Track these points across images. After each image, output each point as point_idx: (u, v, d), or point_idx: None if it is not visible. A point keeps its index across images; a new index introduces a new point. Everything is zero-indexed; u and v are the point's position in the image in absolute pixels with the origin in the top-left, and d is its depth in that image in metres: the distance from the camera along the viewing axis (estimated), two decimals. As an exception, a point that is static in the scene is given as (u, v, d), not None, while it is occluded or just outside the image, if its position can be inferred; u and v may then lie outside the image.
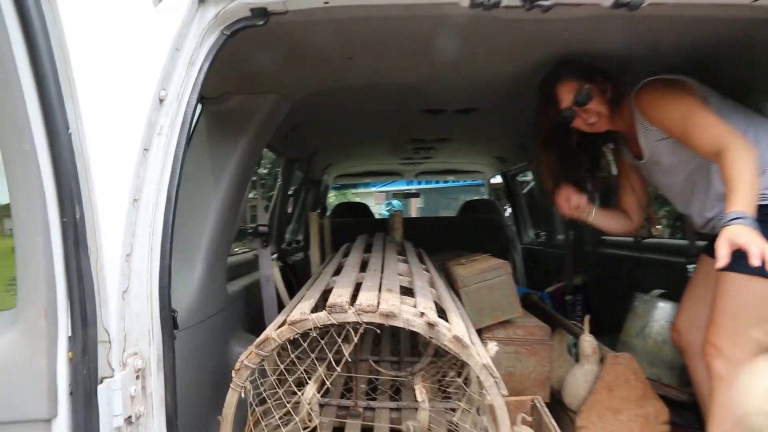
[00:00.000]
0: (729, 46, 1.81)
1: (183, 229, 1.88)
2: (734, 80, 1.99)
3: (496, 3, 1.32)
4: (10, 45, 0.80)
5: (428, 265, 2.28)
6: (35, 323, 0.86)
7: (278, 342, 1.28)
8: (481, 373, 1.28)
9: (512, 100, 2.60)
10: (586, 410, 2.01)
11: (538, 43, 1.83)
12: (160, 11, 1.24)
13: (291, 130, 3.03)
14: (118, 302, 1.05)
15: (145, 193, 1.14)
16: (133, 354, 1.10)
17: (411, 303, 1.42)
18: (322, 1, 1.31)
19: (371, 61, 2.01)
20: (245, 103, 1.95)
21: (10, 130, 0.83)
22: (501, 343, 2.03)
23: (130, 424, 1.08)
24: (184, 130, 1.23)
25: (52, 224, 0.86)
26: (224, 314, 2.01)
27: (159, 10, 1.24)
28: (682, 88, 1.74)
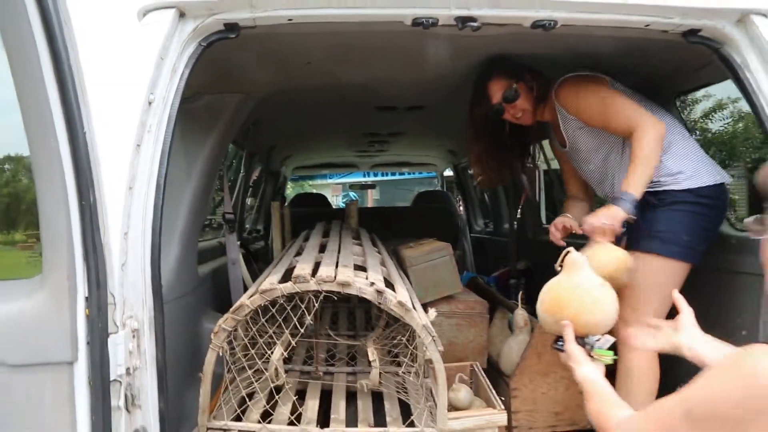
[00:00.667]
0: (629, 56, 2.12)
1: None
2: (635, 82, 2.32)
3: (434, 23, 1.59)
4: (40, 64, 1.00)
5: (380, 248, 2.54)
6: (60, 285, 1.06)
7: (251, 308, 1.52)
8: (421, 332, 1.55)
9: (459, 97, 2.89)
10: (519, 374, 2.32)
11: (474, 50, 2.10)
12: (145, 25, 1.45)
13: (252, 125, 3.22)
14: (119, 273, 1.26)
15: (138, 182, 1.35)
16: (129, 317, 1.31)
17: (363, 276, 1.67)
18: (286, 18, 1.55)
19: (327, 65, 2.25)
20: (214, 102, 2.15)
21: (39, 131, 1.03)
22: (444, 316, 2.34)
23: (129, 375, 1.29)
24: (169, 128, 1.44)
25: (72, 206, 1.07)
26: (196, 293, 2.21)
27: (144, 24, 1.45)
28: (598, 82, 2.02)
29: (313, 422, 1.64)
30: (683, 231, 1.85)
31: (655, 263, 1.88)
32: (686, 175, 1.91)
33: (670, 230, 1.86)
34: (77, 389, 1.08)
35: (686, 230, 1.85)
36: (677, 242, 1.85)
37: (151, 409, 1.36)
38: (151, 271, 1.37)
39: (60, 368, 1.07)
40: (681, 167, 1.92)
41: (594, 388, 1.19)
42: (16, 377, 1.06)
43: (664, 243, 1.85)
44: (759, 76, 1.65)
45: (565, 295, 1.44)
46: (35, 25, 1.02)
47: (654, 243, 1.87)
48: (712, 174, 1.94)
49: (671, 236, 1.85)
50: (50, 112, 1.03)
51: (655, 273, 1.88)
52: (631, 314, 1.92)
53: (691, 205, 1.88)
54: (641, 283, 1.90)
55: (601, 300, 1.43)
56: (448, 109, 3.40)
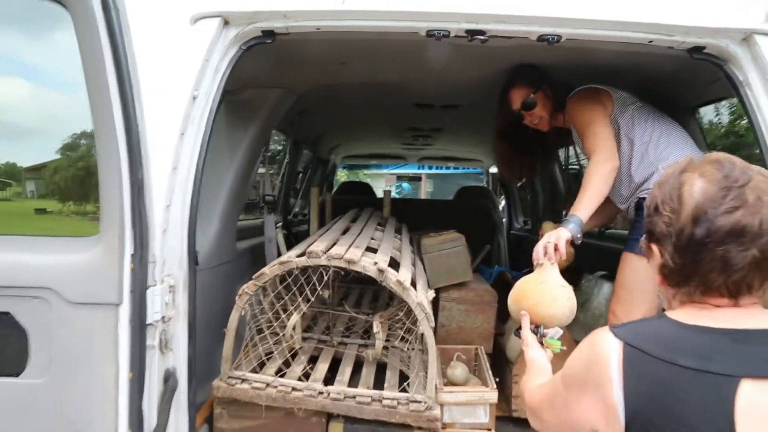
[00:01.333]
0: (645, 68, 2.22)
1: (204, 194, 2.37)
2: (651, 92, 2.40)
3: (446, 35, 1.77)
4: (105, 70, 1.27)
5: (403, 235, 2.75)
6: (112, 244, 1.34)
7: (269, 276, 1.77)
8: (416, 309, 1.75)
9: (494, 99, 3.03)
10: (521, 361, 2.47)
11: (503, 56, 2.24)
12: (195, 31, 1.71)
13: (298, 115, 3.49)
14: (160, 238, 1.54)
15: (180, 164, 1.62)
16: (167, 275, 1.58)
17: (371, 257, 1.89)
18: (315, 27, 1.77)
19: (361, 66, 2.46)
20: (256, 95, 2.41)
21: (102, 120, 1.30)
22: (455, 302, 2.52)
23: (164, 322, 1.57)
24: (210, 120, 1.70)
25: (124, 182, 1.34)
26: (233, 264, 2.51)
27: (194, 30, 1.71)
28: (597, 100, 2.15)
29: (320, 381, 1.88)
30: None
31: (643, 264, 1.99)
32: None
33: None
34: (120, 327, 1.36)
35: None
36: None
37: (181, 353, 1.64)
38: (187, 238, 1.64)
39: (108, 308, 1.35)
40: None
41: (532, 366, 1.38)
42: (75, 312, 1.34)
43: None
44: (759, 95, 1.73)
45: (530, 289, 1.68)
46: (103, 37, 1.28)
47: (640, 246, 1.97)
48: None
49: None
50: (111, 107, 1.30)
51: (645, 273, 2.00)
52: (623, 312, 2.06)
53: None
54: (633, 282, 2.02)
55: (559, 298, 1.64)
56: (483, 109, 3.54)
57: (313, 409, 1.80)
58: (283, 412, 1.85)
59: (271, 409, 1.84)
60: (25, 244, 1.42)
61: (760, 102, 1.73)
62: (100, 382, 1.36)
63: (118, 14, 1.28)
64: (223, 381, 1.84)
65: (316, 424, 1.84)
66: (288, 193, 4.46)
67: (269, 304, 1.94)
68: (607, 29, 1.74)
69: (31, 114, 2.52)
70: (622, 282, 2.11)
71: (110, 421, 1.36)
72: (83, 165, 2.77)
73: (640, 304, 2.04)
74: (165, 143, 1.57)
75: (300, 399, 1.79)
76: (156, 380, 1.52)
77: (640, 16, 1.71)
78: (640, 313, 2.04)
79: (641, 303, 2.04)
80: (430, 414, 1.76)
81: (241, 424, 1.88)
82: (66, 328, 1.35)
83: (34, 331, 1.35)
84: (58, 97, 2.45)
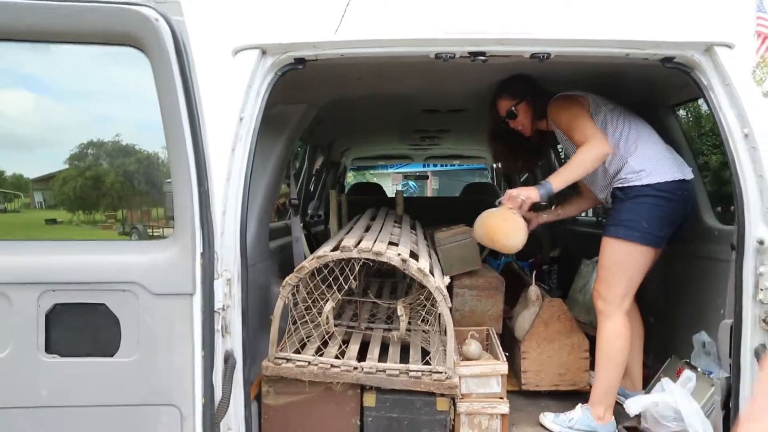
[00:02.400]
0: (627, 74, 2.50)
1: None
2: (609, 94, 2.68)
3: (452, 57, 2.05)
4: (177, 102, 1.56)
5: (418, 231, 3.04)
6: (185, 244, 1.63)
7: (309, 269, 2.06)
8: (435, 292, 2.04)
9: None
10: (528, 339, 2.76)
11: (495, 70, 2.53)
12: (237, 62, 2.00)
13: (316, 124, 3.78)
14: (219, 239, 1.83)
15: (233, 175, 1.92)
16: (225, 270, 1.88)
17: (394, 249, 2.18)
18: (339, 54, 2.06)
19: (376, 80, 2.75)
20: (284, 110, 2.71)
21: (175, 143, 1.60)
22: (467, 288, 2.81)
23: (224, 310, 1.86)
24: (254, 137, 1.99)
25: (194, 192, 1.63)
26: (267, 262, 2.80)
27: (236, 61, 2.00)
28: (575, 101, 2.45)
29: (353, 359, 2.17)
30: (643, 219, 2.25)
31: (620, 246, 2.29)
32: (647, 172, 2.31)
33: (632, 219, 2.27)
34: (194, 313, 1.65)
35: (646, 219, 2.25)
36: (638, 228, 2.25)
37: (237, 337, 1.93)
38: (240, 238, 1.93)
39: (185, 298, 1.64)
40: (643, 166, 2.32)
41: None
42: (157, 302, 1.64)
43: (627, 229, 2.26)
44: (720, 97, 2.01)
45: (493, 220, 2.39)
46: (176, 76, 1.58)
47: (619, 229, 2.29)
48: (671, 172, 2.32)
49: (633, 224, 2.26)
50: (183, 133, 1.59)
51: (620, 254, 2.30)
52: (605, 290, 2.34)
53: (650, 198, 2.29)
54: (611, 263, 2.32)
55: (518, 233, 2.36)
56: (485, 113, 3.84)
57: (350, 382, 2.09)
58: (322, 387, 2.14)
59: (312, 385, 2.13)
60: (113, 247, 1.71)
61: (721, 103, 2.00)
62: (179, 359, 1.65)
63: (188, 57, 1.58)
64: (270, 361, 2.13)
65: (352, 396, 2.13)
66: (306, 196, 4.76)
67: (307, 294, 2.23)
68: (589, 47, 2.02)
69: (37, 125, 2.62)
70: (602, 263, 2.40)
71: (188, 392, 1.65)
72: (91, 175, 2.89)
73: (619, 281, 2.34)
74: (220, 158, 1.86)
75: (338, 374, 2.08)
76: (220, 359, 1.82)
77: (617, 34, 1.99)
78: (620, 289, 2.33)
79: (620, 281, 2.34)
80: (450, 382, 2.05)
81: (286, 400, 2.17)
82: (150, 315, 1.64)
83: (124, 319, 1.65)
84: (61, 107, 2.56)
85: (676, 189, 2.29)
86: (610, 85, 2.52)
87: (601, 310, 2.37)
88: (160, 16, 1.51)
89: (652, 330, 3.03)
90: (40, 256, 1.65)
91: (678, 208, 2.31)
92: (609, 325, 2.33)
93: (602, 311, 2.36)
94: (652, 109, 2.69)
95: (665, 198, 2.27)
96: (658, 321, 2.96)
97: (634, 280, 2.32)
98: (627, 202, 2.32)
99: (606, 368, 2.34)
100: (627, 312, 2.37)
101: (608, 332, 2.33)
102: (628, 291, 2.32)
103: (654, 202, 2.27)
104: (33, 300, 1.62)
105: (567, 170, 2.36)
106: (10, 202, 3.41)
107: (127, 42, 1.55)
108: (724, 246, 2.36)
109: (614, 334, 2.32)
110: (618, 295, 2.31)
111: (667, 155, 2.36)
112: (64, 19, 1.47)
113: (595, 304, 2.41)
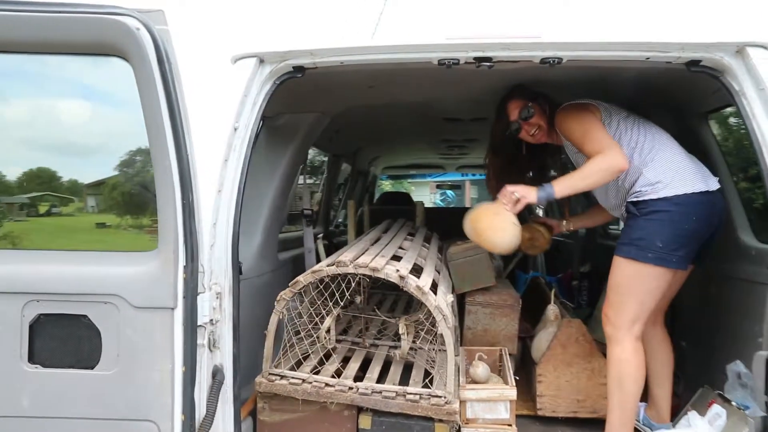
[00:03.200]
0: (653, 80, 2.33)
1: (247, 211, 2.63)
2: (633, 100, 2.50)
3: (455, 63, 1.95)
4: (160, 110, 1.52)
5: (432, 243, 2.93)
6: (168, 257, 1.59)
7: (303, 283, 1.99)
8: (434, 311, 1.93)
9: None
10: (544, 362, 2.60)
11: (508, 78, 2.41)
12: (235, 70, 1.96)
13: (335, 133, 3.74)
14: (208, 251, 1.79)
15: (225, 186, 1.87)
16: (214, 283, 1.83)
17: (395, 265, 2.08)
18: (339, 62, 1.99)
19: (387, 88, 2.67)
20: (292, 120, 2.67)
21: (159, 153, 1.56)
22: (480, 306, 2.68)
23: (212, 324, 1.81)
24: (249, 147, 1.94)
25: (177, 204, 1.59)
26: (275, 273, 2.76)
27: (234, 69, 1.96)
28: (586, 110, 2.25)
29: (350, 378, 2.09)
30: (658, 238, 2.04)
31: (631, 268, 2.09)
32: (664, 183, 2.09)
33: (644, 238, 2.06)
34: (176, 327, 1.60)
35: (661, 237, 2.04)
36: (651, 248, 2.05)
37: (226, 352, 1.87)
38: (231, 251, 1.88)
39: (166, 312, 1.60)
40: (660, 177, 2.10)
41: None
42: (138, 315, 1.60)
43: (640, 249, 2.06)
44: (753, 104, 1.82)
45: (485, 215, 2.20)
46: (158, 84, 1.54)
47: (631, 249, 2.08)
48: (692, 182, 2.09)
49: (645, 243, 2.06)
50: (165, 142, 1.56)
51: (631, 276, 2.10)
52: (613, 313, 2.16)
53: (666, 214, 2.06)
54: (620, 285, 2.13)
55: (507, 231, 2.16)
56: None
57: (344, 403, 2.00)
58: (318, 406, 2.06)
59: (307, 403, 2.05)
60: (96, 258, 1.69)
61: (755, 110, 1.82)
62: (159, 374, 1.61)
63: (171, 66, 1.54)
64: (264, 377, 2.07)
65: (348, 416, 2.04)
66: (329, 205, 4.72)
67: (306, 309, 2.16)
68: (605, 50, 1.88)
69: (92, 133, 2.67)
70: (610, 284, 2.19)
71: (168, 408, 1.60)
72: (139, 181, 2.95)
73: (628, 305, 2.14)
74: (211, 169, 1.82)
75: (332, 394, 2.00)
76: (205, 375, 1.76)
77: (636, 36, 1.84)
78: (630, 314, 2.13)
79: (630, 304, 2.14)
80: (449, 407, 1.93)
81: (282, 417, 2.10)
82: (131, 328, 1.61)
83: (106, 331, 1.62)
84: (115, 115, 2.59)
85: (697, 202, 2.09)
86: (630, 91, 2.36)
87: (610, 335, 2.18)
88: (141, 25, 1.49)
89: (686, 356, 2.81)
90: (25, 266, 1.65)
91: (701, 224, 2.10)
92: (617, 351, 2.14)
93: (610, 336, 2.18)
94: (683, 117, 2.50)
95: (684, 213, 2.07)
96: (692, 346, 2.75)
97: (646, 305, 2.12)
98: (640, 218, 2.11)
99: (618, 398, 2.15)
100: (639, 337, 2.17)
101: (616, 359, 2.14)
102: (639, 315, 2.12)
103: (670, 218, 2.07)
104: (18, 310, 1.61)
105: (575, 177, 2.16)
106: (66, 206, 3.56)
107: (111, 52, 1.53)
108: (763, 267, 2.15)
109: (624, 361, 2.13)
110: (627, 320, 2.12)
111: (688, 165, 2.15)
112: (44, 31, 1.46)
113: (603, 328, 2.23)
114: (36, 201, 3.51)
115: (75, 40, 1.49)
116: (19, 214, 3.44)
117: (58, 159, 3.13)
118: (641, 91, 2.40)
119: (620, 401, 2.13)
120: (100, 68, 1.84)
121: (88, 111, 2.59)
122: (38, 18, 1.45)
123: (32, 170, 3.31)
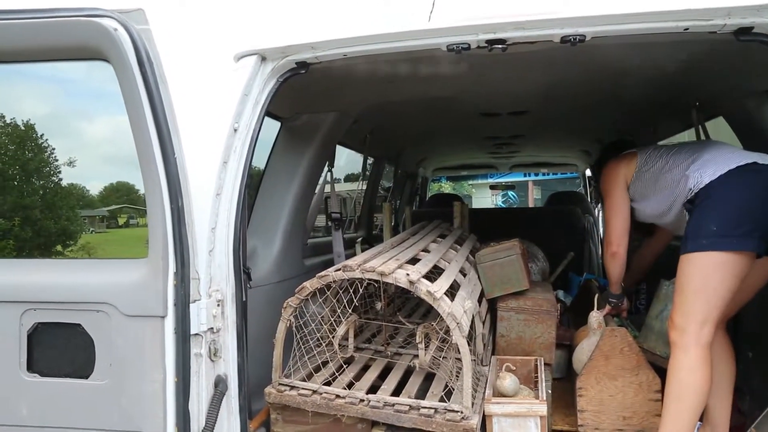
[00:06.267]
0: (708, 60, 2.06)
1: (266, 216, 2.57)
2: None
3: (466, 48, 1.79)
4: (143, 112, 1.47)
5: (463, 246, 2.75)
6: (158, 264, 1.54)
7: (310, 290, 1.89)
8: (447, 318, 1.77)
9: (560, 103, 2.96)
10: (585, 374, 2.36)
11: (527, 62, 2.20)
12: (235, 69, 1.89)
13: (369, 134, 3.63)
14: (206, 257, 1.72)
15: (224, 189, 1.80)
16: (215, 290, 1.76)
17: (408, 269, 1.94)
18: (341, 54, 1.88)
19: (409, 83, 2.52)
20: (311, 120, 2.58)
21: (145, 158, 1.51)
22: (513, 312, 2.48)
23: (213, 332, 1.74)
24: (251, 148, 1.87)
25: (166, 209, 1.53)
26: (298, 279, 2.67)
27: (235, 68, 1.90)
28: (617, 170, 2.38)
29: (364, 390, 1.96)
30: (711, 221, 1.84)
31: (690, 262, 1.88)
32: (706, 170, 1.99)
33: (696, 225, 1.91)
34: (166, 336, 1.54)
35: (714, 220, 1.84)
36: (705, 234, 1.84)
37: (231, 362, 1.80)
38: (233, 256, 1.81)
39: (155, 320, 1.54)
40: (703, 168, 2.00)
41: None
42: (128, 323, 1.55)
43: (694, 240, 1.86)
44: (817, 75, 1.55)
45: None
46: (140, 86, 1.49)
47: (687, 243, 1.91)
48: (735, 160, 1.96)
49: (698, 231, 1.88)
50: (151, 145, 1.50)
51: (691, 272, 1.87)
52: (678, 317, 1.91)
53: (716, 192, 1.92)
54: (683, 285, 1.90)
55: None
56: (554, 113, 3.45)
57: (355, 416, 1.88)
58: (330, 419, 1.95)
59: (319, 415, 1.94)
60: (91, 266, 1.67)
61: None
62: (151, 384, 1.55)
63: (152, 67, 1.48)
64: (273, 388, 1.98)
65: (361, 430, 1.92)
66: (371, 208, 4.62)
67: (316, 316, 2.06)
68: (633, 22, 1.66)
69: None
70: (676, 288, 1.98)
71: (159, 420, 1.54)
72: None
73: (693, 305, 1.90)
74: (209, 172, 1.76)
75: (342, 406, 1.88)
76: (205, 385, 1.70)
77: (670, 3, 1.61)
78: (696, 316, 1.89)
79: (694, 304, 1.90)
80: (466, 424, 1.76)
81: (295, 429, 2.00)
82: (122, 337, 1.57)
83: (99, 340, 1.59)
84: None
85: (742, 173, 1.89)
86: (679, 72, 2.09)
87: (674, 341, 1.93)
88: (119, 25, 1.44)
89: (752, 367, 2.48)
90: (24, 275, 1.65)
91: (758, 194, 1.85)
92: (680, 359, 1.88)
93: (675, 342, 1.92)
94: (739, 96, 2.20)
95: (732, 187, 1.86)
96: (760, 356, 2.42)
97: (712, 303, 1.85)
98: (693, 212, 1.93)
99: (674, 412, 1.89)
100: (707, 344, 1.91)
101: (680, 367, 1.88)
102: (707, 318, 1.86)
103: (720, 196, 1.88)
104: (16, 318, 1.61)
105: (611, 278, 2.58)
106: (143, 217, 3.77)
107: (93, 55, 1.50)
108: None
109: (687, 369, 1.87)
110: (693, 323, 1.86)
111: (731, 150, 2.05)
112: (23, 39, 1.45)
113: (669, 335, 1.98)
114: (115, 213, 3.72)
115: (56, 46, 1.47)
116: (100, 226, 3.69)
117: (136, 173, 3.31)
118: (688, 72, 2.13)
119: (676, 416, 1.87)
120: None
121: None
122: (15, 26, 1.44)
123: (112, 184, 3.49)
